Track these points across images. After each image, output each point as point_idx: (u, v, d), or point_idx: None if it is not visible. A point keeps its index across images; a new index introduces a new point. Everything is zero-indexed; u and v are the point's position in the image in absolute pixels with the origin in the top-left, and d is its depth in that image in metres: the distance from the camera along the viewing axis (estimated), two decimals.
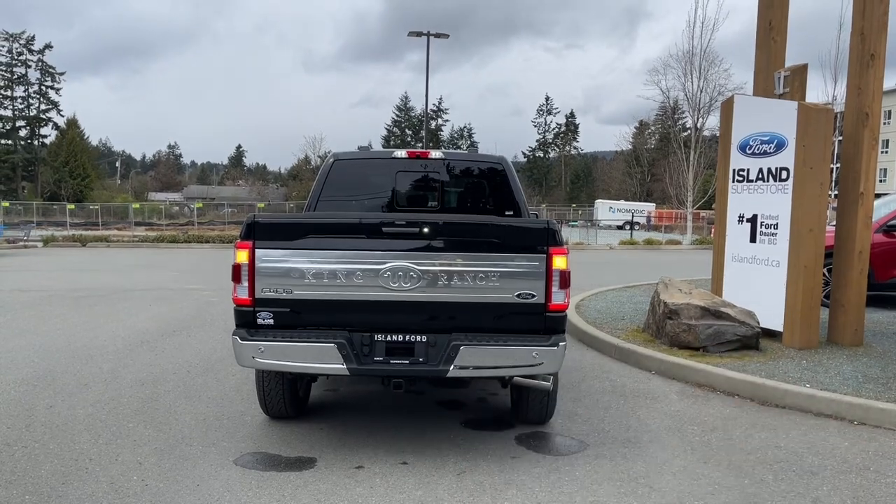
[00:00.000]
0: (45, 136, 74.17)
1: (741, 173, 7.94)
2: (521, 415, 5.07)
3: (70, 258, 21.04)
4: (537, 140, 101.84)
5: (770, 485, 4.11)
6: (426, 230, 4.24)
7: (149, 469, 4.20)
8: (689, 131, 38.89)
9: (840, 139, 8.88)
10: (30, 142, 72.89)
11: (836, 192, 7.80)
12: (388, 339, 4.25)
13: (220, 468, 4.23)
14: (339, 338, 4.16)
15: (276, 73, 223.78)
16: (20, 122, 72.08)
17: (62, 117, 73.50)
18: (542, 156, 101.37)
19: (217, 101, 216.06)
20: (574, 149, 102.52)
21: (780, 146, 7.38)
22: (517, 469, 4.27)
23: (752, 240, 7.78)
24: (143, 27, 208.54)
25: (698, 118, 35.09)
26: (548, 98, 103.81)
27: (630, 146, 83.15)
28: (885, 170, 62.87)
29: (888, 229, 9.99)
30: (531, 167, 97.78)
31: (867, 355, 7.02)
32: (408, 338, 4.26)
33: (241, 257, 4.21)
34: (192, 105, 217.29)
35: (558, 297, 4.24)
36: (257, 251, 4.21)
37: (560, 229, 4.37)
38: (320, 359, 4.14)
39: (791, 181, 7.26)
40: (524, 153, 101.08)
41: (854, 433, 5.07)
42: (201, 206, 49.36)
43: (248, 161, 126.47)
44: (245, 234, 4.23)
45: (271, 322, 4.26)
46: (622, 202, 64.56)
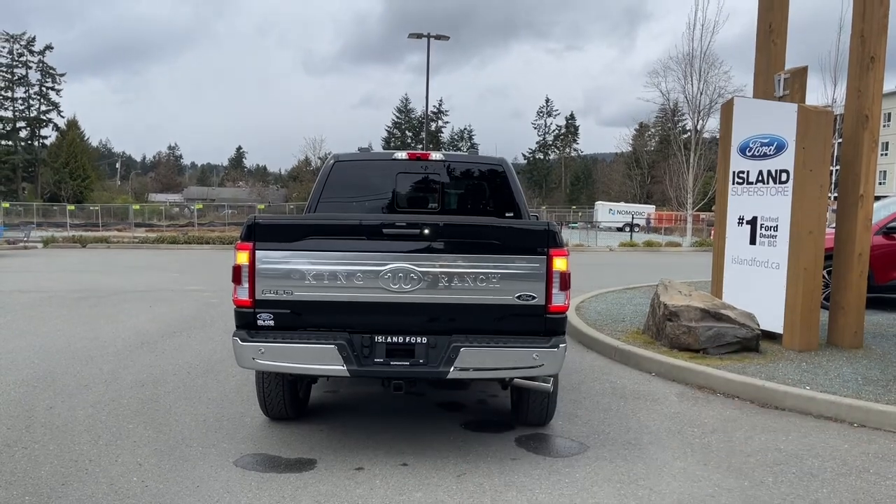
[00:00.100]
0: (46, 137, 74.37)
1: (741, 175, 7.94)
2: (521, 416, 5.07)
3: (70, 259, 21.03)
4: (537, 142, 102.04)
5: (770, 487, 4.11)
6: (427, 232, 4.24)
7: (148, 470, 4.20)
8: (689, 133, 38.99)
9: (840, 141, 8.89)
10: (30, 143, 72.91)
11: (836, 195, 7.81)
12: (389, 340, 4.25)
13: (220, 469, 4.23)
14: (340, 339, 4.16)
15: (276, 74, 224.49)
16: (20, 123, 72.10)
17: (62, 118, 73.72)
18: (542, 157, 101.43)
19: (217, 103, 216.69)
20: (574, 150, 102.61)
21: (780, 148, 7.39)
22: (517, 471, 4.27)
23: (752, 242, 7.78)
24: (143, 28, 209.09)
25: (698, 120, 35.23)
26: (548, 100, 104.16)
27: (630, 148, 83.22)
28: (885, 172, 62.92)
29: (888, 231, 10.00)
30: (531, 169, 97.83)
31: (867, 357, 7.02)
32: (408, 339, 4.26)
33: (242, 258, 4.21)
34: (192, 106, 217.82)
35: (558, 299, 4.24)
36: (258, 252, 4.21)
37: (560, 231, 4.37)
38: (320, 360, 4.14)
39: (791, 183, 7.27)
40: (524, 155, 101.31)
41: (854, 435, 5.07)
42: (201, 207, 49.40)
43: (249, 162, 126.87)
44: (245, 235, 4.23)
45: (272, 323, 4.27)
46: (622, 204, 64.51)
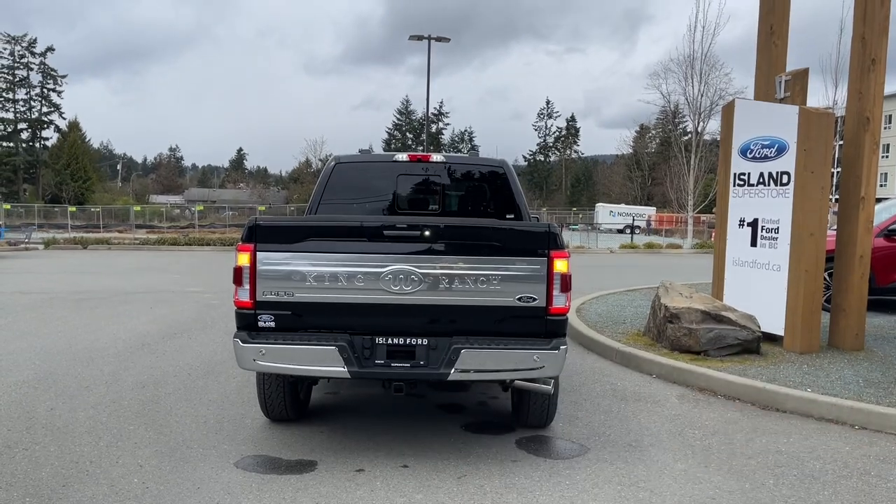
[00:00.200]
0: (47, 139, 74.46)
1: (742, 177, 7.94)
2: (521, 418, 5.06)
3: (71, 261, 21.05)
4: (538, 143, 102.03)
5: (771, 489, 4.11)
6: (427, 233, 4.24)
7: (149, 471, 4.20)
8: (689, 135, 38.96)
9: (841, 143, 8.89)
10: (31, 144, 72.97)
11: (837, 197, 7.81)
12: (389, 342, 4.25)
13: (221, 471, 4.23)
14: (340, 341, 4.16)
15: (277, 76, 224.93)
16: (22, 125, 72.19)
17: (64, 120, 73.74)
18: (542, 159, 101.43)
19: (218, 104, 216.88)
20: (575, 152, 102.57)
21: (781, 150, 7.39)
22: (518, 473, 4.27)
23: (753, 244, 7.78)
24: (145, 30, 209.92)
25: (699, 122, 35.20)
26: (548, 101, 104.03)
27: (631, 150, 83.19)
28: (886, 174, 62.89)
29: (889, 234, 9.99)
30: (532, 171, 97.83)
31: (868, 360, 7.02)
32: (409, 341, 4.25)
33: (243, 260, 4.21)
34: (193, 108, 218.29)
35: (559, 301, 4.24)
36: (259, 254, 4.21)
37: (561, 233, 4.37)
38: (321, 362, 4.14)
39: (792, 185, 7.26)
40: (525, 157, 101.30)
41: (855, 438, 5.06)
42: (202, 208, 49.39)
43: (249, 164, 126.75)
44: (246, 236, 4.23)
45: (272, 325, 4.26)
46: (623, 206, 64.49)
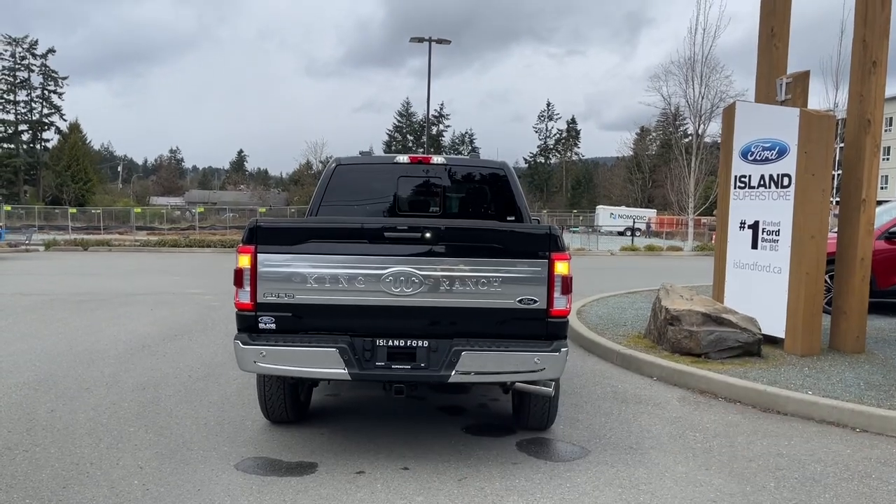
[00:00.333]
0: (48, 141, 74.46)
1: (743, 180, 7.94)
2: (522, 421, 5.06)
3: (72, 262, 21.05)
4: (538, 146, 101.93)
5: (772, 492, 4.10)
6: (428, 235, 4.24)
7: (149, 473, 4.20)
8: (690, 138, 39.00)
9: (842, 146, 8.88)
10: (32, 146, 73.00)
11: (838, 199, 7.81)
12: (390, 344, 4.24)
13: (221, 473, 4.23)
14: (341, 343, 4.15)
15: (278, 78, 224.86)
16: (23, 126, 72.19)
17: (64, 121, 73.78)
18: (543, 161, 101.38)
19: (219, 106, 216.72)
20: (575, 155, 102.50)
21: (782, 153, 7.39)
22: (518, 475, 4.26)
23: (754, 246, 7.77)
24: (146, 33, 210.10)
25: (700, 125, 35.22)
26: (549, 104, 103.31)
27: (631, 152, 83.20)
28: (887, 177, 62.84)
29: (890, 236, 9.98)
30: (532, 173, 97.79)
31: (869, 362, 7.01)
32: (409, 343, 4.25)
33: (244, 262, 4.21)
34: (193, 110, 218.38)
35: (560, 303, 4.23)
36: (259, 255, 4.21)
37: (561, 235, 4.37)
38: (322, 364, 4.14)
39: (793, 188, 7.26)
40: (525, 159, 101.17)
41: (856, 440, 5.06)
42: (203, 210, 49.47)
43: (250, 166, 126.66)
44: (247, 238, 4.23)
45: (273, 327, 4.26)
46: (623, 208, 64.49)
